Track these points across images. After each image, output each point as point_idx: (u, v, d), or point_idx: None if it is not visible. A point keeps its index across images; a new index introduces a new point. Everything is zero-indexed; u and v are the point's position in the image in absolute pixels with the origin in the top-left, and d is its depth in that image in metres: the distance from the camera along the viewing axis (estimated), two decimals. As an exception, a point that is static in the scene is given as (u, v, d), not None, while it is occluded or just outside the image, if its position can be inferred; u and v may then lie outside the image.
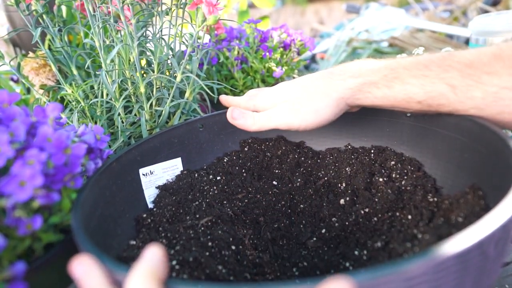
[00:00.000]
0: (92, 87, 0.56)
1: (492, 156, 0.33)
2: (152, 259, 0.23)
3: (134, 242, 0.37)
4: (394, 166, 0.44)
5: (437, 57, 0.37)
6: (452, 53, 0.36)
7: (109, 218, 0.37)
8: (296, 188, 0.47)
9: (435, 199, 0.38)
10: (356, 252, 0.37)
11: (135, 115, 0.54)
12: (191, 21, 0.57)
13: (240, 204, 0.45)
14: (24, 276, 0.28)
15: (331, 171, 0.48)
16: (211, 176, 0.48)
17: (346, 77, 0.41)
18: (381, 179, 0.43)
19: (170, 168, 0.48)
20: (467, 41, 1.22)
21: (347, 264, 0.36)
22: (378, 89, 0.39)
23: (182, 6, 0.53)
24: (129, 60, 0.53)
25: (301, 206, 0.46)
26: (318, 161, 0.51)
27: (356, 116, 0.49)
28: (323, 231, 0.41)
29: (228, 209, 0.43)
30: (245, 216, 0.44)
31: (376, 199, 0.41)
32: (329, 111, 0.41)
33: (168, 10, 0.54)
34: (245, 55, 0.71)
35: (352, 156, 0.48)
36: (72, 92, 0.52)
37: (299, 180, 0.48)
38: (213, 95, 0.55)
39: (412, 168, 0.43)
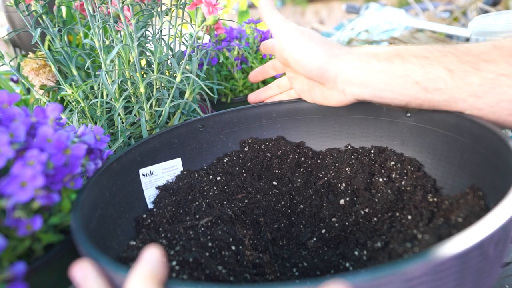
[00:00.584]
0: (92, 88, 0.56)
1: (492, 157, 0.33)
2: (151, 260, 0.23)
3: (134, 243, 0.37)
4: (394, 167, 0.44)
5: (439, 45, 0.38)
6: (454, 44, 0.37)
7: (109, 218, 0.37)
8: (296, 188, 0.47)
9: (435, 199, 0.38)
10: (356, 253, 0.37)
11: (135, 115, 0.54)
12: (191, 21, 0.57)
13: (240, 204, 0.45)
14: (24, 277, 0.28)
15: (331, 171, 0.48)
16: (211, 177, 0.48)
17: (347, 48, 0.42)
18: (381, 179, 0.43)
19: (170, 169, 0.48)
20: (467, 41, 1.22)
21: (347, 265, 0.36)
22: (378, 61, 0.39)
23: (181, 6, 0.53)
24: (129, 60, 0.53)
25: (301, 206, 0.46)
26: (318, 161, 0.51)
27: (356, 116, 0.50)
28: (323, 231, 0.41)
29: (228, 210, 0.43)
30: (245, 216, 0.44)
31: (376, 199, 0.41)
32: (324, 57, 0.42)
33: (167, 10, 0.54)
34: (245, 56, 0.71)
35: (352, 156, 0.48)
36: (72, 92, 0.52)
37: (299, 180, 0.48)
38: (213, 95, 0.55)
39: (412, 169, 0.43)
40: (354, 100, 0.43)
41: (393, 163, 0.44)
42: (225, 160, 0.51)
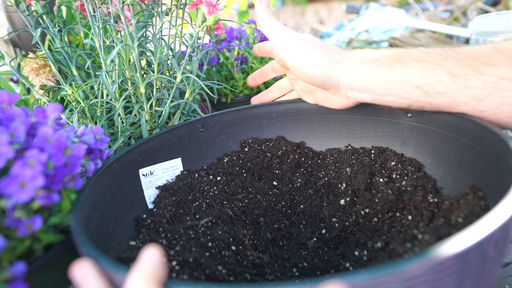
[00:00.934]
0: (92, 88, 0.56)
1: (492, 157, 0.33)
2: (151, 260, 0.23)
3: (134, 243, 0.37)
4: (395, 167, 0.44)
5: (440, 48, 0.37)
6: (456, 47, 0.37)
7: (109, 218, 0.37)
8: (296, 188, 0.47)
9: (436, 199, 0.38)
10: (356, 253, 0.37)
11: (135, 115, 0.54)
12: (191, 22, 0.57)
13: (240, 204, 0.45)
14: (24, 277, 0.28)
15: (331, 172, 0.48)
16: (211, 177, 0.48)
17: (347, 53, 0.42)
18: (381, 180, 0.43)
19: (170, 169, 0.48)
20: (467, 42, 1.22)
21: (347, 265, 0.36)
22: (378, 67, 0.38)
23: (182, 6, 0.53)
24: (129, 60, 0.53)
25: (301, 206, 0.46)
26: (319, 161, 0.51)
27: (357, 117, 0.50)
28: (323, 231, 0.41)
29: (228, 210, 0.43)
30: (245, 216, 0.44)
31: (377, 200, 0.41)
32: (325, 64, 0.41)
33: (168, 10, 0.54)
34: (245, 56, 0.71)
35: (353, 157, 0.48)
36: (72, 92, 0.52)
37: (299, 180, 0.48)
38: (213, 95, 0.55)
39: (412, 169, 0.43)
40: (357, 103, 0.43)
41: (393, 163, 0.44)
42: (225, 160, 0.51)
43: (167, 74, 0.58)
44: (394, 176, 0.43)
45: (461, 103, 0.36)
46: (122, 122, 0.53)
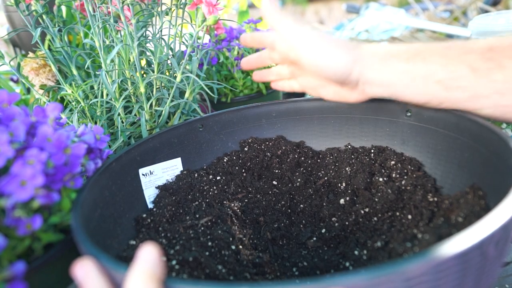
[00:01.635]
0: (92, 87, 0.56)
1: (493, 156, 0.33)
2: (149, 259, 0.23)
3: (134, 242, 0.37)
4: (394, 166, 0.44)
5: (459, 42, 0.37)
6: (473, 40, 0.36)
7: (109, 218, 0.37)
8: (296, 188, 0.47)
9: (435, 199, 0.38)
10: (356, 252, 0.37)
11: (135, 115, 0.54)
12: (191, 21, 0.57)
13: (240, 204, 0.45)
14: (23, 276, 0.28)
15: (331, 171, 0.48)
16: (211, 176, 0.48)
17: (366, 48, 0.40)
18: (381, 179, 0.43)
19: (170, 168, 0.48)
20: (467, 41, 1.22)
21: (347, 264, 0.36)
22: (398, 62, 0.38)
23: (182, 6, 0.53)
24: (129, 60, 0.53)
25: (301, 206, 0.46)
26: (318, 161, 0.51)
27: (356, 116, 0.50)
28: (323, 231, 0.41)
29: (228, 209, 0.43)
30: (245, 216, 0.44)
31: (376, 199, 0.41)
32: (347, 61, 0.39)
33: (168, 10, 0.54)
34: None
35: (352, 156, 0.48)
36: (72, 92, 0.52)
37: (299, 180, 0.48)
38: (213, 95, 0.55)
39: (412, 168, 0.43)
40: (372, 97, 0.42)
41: (393, 162, 0.44)
42: (225, 160, 0.51)
43: (167, 73, 0.58)
44: (393, 175, 0.43)
45: (483, 96, 0.35)
46: (122, 122, 0.53)
